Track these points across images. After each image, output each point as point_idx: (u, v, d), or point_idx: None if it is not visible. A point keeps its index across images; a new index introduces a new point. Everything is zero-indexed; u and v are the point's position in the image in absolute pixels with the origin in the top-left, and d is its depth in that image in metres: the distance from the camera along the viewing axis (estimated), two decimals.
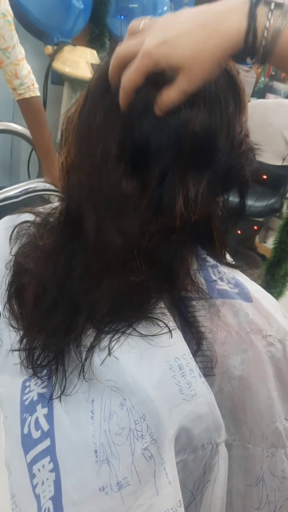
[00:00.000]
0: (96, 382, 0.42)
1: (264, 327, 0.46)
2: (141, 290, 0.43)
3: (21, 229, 0.55)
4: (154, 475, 0.37)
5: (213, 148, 0.41)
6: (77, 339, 0.44)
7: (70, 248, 0.46)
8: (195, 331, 0.44)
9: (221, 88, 0.41)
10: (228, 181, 0.45)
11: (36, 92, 1.15)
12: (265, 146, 0.48)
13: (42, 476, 0.41)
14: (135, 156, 0.40)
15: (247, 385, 0.44)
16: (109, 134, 0.41)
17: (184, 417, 0.38)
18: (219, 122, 0.41)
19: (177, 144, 0.40)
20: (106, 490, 0.37)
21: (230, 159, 0.42)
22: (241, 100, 0.44)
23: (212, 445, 0.40)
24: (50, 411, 0.44)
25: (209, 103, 0.40)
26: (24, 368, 0.47)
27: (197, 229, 0.45)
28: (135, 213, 0.42)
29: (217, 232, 0.47)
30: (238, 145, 0.43)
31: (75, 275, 0.45)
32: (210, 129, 0.40)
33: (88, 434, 0.40)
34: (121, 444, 0.38)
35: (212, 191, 0.42)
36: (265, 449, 0.45)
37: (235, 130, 0.42)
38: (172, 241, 0.44)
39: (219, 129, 0.41)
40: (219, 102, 0.41)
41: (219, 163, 0.41)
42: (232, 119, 0.42)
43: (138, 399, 0.39)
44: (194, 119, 0.39)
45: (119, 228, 0.42)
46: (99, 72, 0.44)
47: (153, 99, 0.39)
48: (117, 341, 0.42)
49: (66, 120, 0.46)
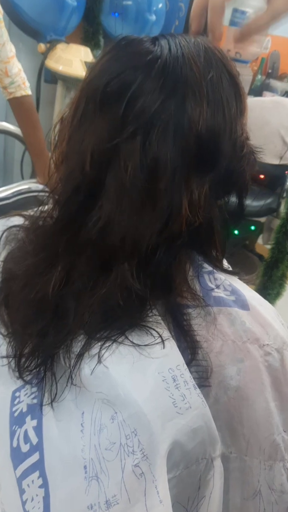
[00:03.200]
0: (87, 393, 0.41)
1: (261, 336, 0.45)
2: (137, 296, 0.42)
3: (10, 233, 0.54)
4: (145, 493, 0.35)
5: (216, 149, 0.40)
6: (67, 345, 0.42)
7: (63, 253, 0.44)
8: (190, 339, 0.43)
9: (224, 88, 0.41)
10: (230, 184, 0.44)
11: (27, 91, 1.13)
12: (262, 145, 0.47)
13: (31, 492, 0.40)
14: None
15: (244, 396, 0.43)
16: (106, 136, 0.40)
17: (178, 431, 0.37)
18: (222, 123, 0.40)
19: (182, 144, 0.39)
20: (94, 509, 0.36)
21: (232, 162, 0.42)
22: (243, 102, 0.44)
23: (207, 460, 0.39)
24: (39, 423, 0.43)
25: (212, 104, 0.39)
26: (13, 375, 0.46)
27: (198, 233, 0.44)
28: (138, 217, 0.40)
29: (218, 236, 0.46)
30: (240, 147, 0.42)
31: (67, 280, 0.43)
32: (214, 130, 0.39)
33: (77, 449, 0.38)
34: (111, 460, 0.36)
35: (214, 194, 0.42)
36: (263, 461, 0.43)
37: (237, 132, 0.42)
38: (173, 246, 0.42)
39: (222, 130, 0.40)
40: (222, 102, 0.40)
41: (222, 165, 0.41)
42: (235, 120, 0.41)
43: (129, 412, 0.37)
44: (197, 119, 0.38)
45: (121, 232, 0.41)
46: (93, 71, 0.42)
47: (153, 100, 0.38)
48: (108, 349, 0.40)
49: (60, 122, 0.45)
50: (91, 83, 0.42)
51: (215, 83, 0.40)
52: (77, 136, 0.42)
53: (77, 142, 0.42)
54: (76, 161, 0.41)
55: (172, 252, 0.43)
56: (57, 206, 0.45)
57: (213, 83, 0.40)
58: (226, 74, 0.41)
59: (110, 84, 0.40)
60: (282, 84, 2.65)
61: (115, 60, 0.41)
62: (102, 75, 0.41)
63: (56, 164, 0.45)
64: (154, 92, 0.38)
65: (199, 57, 0.41)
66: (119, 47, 0.42)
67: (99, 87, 0.40)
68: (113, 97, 0.39)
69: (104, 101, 0.40)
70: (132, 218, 0.40)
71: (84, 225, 0.42)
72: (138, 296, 0.42)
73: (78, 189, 0.42)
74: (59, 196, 0.45)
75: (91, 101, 0.41)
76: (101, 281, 0.42)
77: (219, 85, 0.40)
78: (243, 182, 0.45)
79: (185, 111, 0.38)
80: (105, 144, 0.39)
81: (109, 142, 0.39)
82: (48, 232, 0.46)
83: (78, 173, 0.41)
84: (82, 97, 0.42)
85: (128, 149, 0.39)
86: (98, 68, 0.42)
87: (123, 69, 0.40)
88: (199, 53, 0.41)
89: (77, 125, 0.43)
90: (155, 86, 0.39)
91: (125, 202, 0.40)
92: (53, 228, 0.45)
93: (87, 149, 0.40)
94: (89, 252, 0.42)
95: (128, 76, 0.39)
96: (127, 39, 0.42)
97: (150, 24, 1.81)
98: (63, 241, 0.43)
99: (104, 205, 0.41)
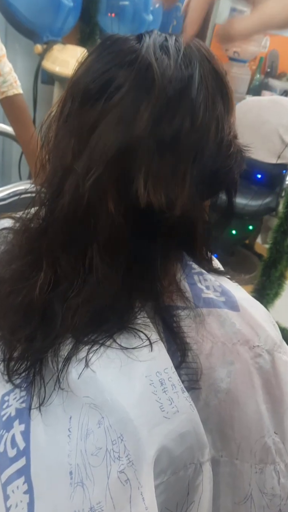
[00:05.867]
0: (74, 397, 0.40)
1: (252, 337, 0.44)
2: (123, 298, 0.41)
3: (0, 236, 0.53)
4: (130, 500, 0.35)
5: (197, 147, 0.39)
6: (55, 348, 0.42)
7: (46, 254, 0.44)
8: (180, 341, 0.42)
9: (208, 87, 0.40)
10: (216, 184, 0.43)
11: (19, 90, 1.13)
12: (260, 144, 0.47)
13: (16, 498, 0.39)
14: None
15: (235, 399, 0.42)
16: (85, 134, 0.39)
17: (165, 437, 0.36)
18: (205, 121, 0.39)
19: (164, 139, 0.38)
20: None
21: (218, 160, 0.41)
22: (230, 100, 0.43)
23: (195, 465, 0.38)
24: (27, 427, 0.42)
25: (194, 101, 0.39)
26: (2, 378, 0.45)
27: (185, 233, 0.43)
28: (119, 212, 0.40)
29: (201, 237, 0.46)
30: (226, 146, 0.42)
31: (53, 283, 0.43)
32: (193, 128, 0.39)
33: (64, 454, 0.38)
34: (97, 465, 0.36)
35: (198, 193, 0.41)
36: (254, 465, 0.43)
37: (223, 130, 0.41)
38: (157, 246, 0.42)
39: (205, 128, 0.39)
40: (206, 101, 0.40)
41: (206, 164, 0.40)
42: (221, 119, 0.41)
43: (116, 417, 0.37)
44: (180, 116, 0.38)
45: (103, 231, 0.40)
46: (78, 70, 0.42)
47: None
48: (96, 352, 0.40)
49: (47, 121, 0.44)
50: (76, 82, 0.42)
51: (197, 81, 0.39)
52: (62, 135, 0.42)
53: (62, 140, 0.41)
54: (59, 160, 0.41)
55: (156, 252, 0.42)
56: (43, 207, 0.45)
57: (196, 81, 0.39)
58: (212, 73, 0.41)
59: (93, 83, 0.39)
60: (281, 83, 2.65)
61: (99, 59, 0.41)
62: (86, 74, 0.41)
63: (43, 164, 0.45)
64: (129, 89, 0.38)
65: (180, 55, 0.40)
66: (104, 46, 0.42)
67: (83, 85, 0.40)
68: (95, 95, 0.39)
69: (86, 99, 0.40)
70: (107, 215, 0.39)
71: None
72: (125, 298, 0.41)
73: (61, 188, 0.41)
74: (45, 195, 0.44)
75: (76, 100, 0.41)
76: (86, 282, 0.42)
77: (202, 83, 0.40)
78: (231, 181, 0.44)
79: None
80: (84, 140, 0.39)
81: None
82: (34, 234, 0.46)
83: (61, 171, 0.41)
84: (68, 96, 0.42)
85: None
86: (83, 67, 0.42)
87: (107, 68, 0.39)
88: (180, 51, 0.40)
89: (63, 124, 0.42)
90: (130, 83, 0.38)
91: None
92: (39, 230, 0.45)
93: (69, 147, 0.40)
94: (72, 252, 0.42)
95: (111, 74, 0.39)
96: (112, 38, 0.42)
97: (147, 24, 1.81)
98: (47, 241, 0.43)
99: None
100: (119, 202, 0.40)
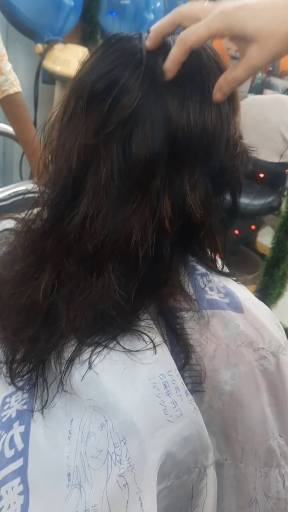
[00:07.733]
0: (77, 400, 0.40)
1: (256, 339, 0.43)
2: (128, 299, 0.41)
3: (1, 237, 0.53)
4: (127, 505, 0.34)
5: (206, 147, 0.39)
6: (58, 350, 0.41)
7: (51, 255, 0.43)
8: (184, 343, 0.42)
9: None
10: (223, 183, 0.43)
11: (19, 88, 1.14)
12: (262, 143, 0.46)
13: (9, 499, 0.39)
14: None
15: (239, 401, 0.42)
16: (91, 134, 0.39)
17: (168, 441, 0.36)
18: (212, 121, 0.39)
19: (162, 142, 0.38)
20: None
21: (225, 160, 0.41)
22: (235, 100, 0.43)
23: (199, 469, 0.38)
24: (27, 429, 0.42)
25: (201, 101, 0.39)
26: (5, 380, 0.45)
27: (191, 233, 0.43)
28: (131, 216, 0.39)
29: (213, 236, 0.45)
30: (233, 146, 0.42)
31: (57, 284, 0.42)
32: (202, 128, 0.39)
33: (62, 456, 0.37)
34: (97, 468, 0.35)
35: (206, 193, 0.41)
36: (258, 468, 0.42)
37: (230, 130, 0.41)
38: (167, 246, 0.42)
39: (213, 129, 0.39)
40: (212, 101, 0.39)
41: (214, 164, 0.40)
42: (227, 119, 0.41)
43: (119, 420, 0.36)
44: (181, 117, 0.38)
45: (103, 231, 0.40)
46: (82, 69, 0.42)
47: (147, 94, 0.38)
48: (99, 354, 0.39)
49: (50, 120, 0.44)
50: (80, 81, 0.41)
51: (205, 81, 0.39)
52: (66, 135, 0.41)
53: (66, 140, 0.41)
54: (64, 160, 0.41)
55: (165, 253, 0.42)
56: (46, 207, 0.44)
57: (203, 81, 0.39)
58: (217, 72, 0.40)
59: (98, 82, 0.39)
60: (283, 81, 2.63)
61: (104, 58, 0.40)
62: (91, 73, 0.40)
63: (46, 164, 0.44)
64: (136, 89, 0.38)
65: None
66: (109, 44, 0.41)
67: (88, 85, 0.40)
68: (100, 95, 0.39)
69: (91, 99, 0.39)
70: (109, 216, 0.39)
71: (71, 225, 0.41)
72: (130, 299, 0.41)
73: (66, 189, 0.41)
74: (48, 196, 0.44)
75: (80, 99, 0.40)
76: (91, 284, 0.41)
77: (209, 83, 0.39)
78: (237, 181, 0.44)
79: (166, 109, 0.38)
80: (91, 142, 0.39)
81: (94, 140, 0.39)
82: (37, 235, 0.45)
83: (66, 172, 0.41)
84: (71, 95, 0.42)
85: (107, 147, 0.38)
86: (87, 66, 0.42)
87: (112, 67, 0.39)
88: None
89: (66, 124, 0.42)
90: (138, 83, 0.38)
91: (102, 199, 0.39)
92: (42, 230, 0.44)
93: (74, 148, 0.40)
94: (77, 253, 0.41)
95: (116, 74, 0.39)
96: (117, 36, 0.42)
97: (148, 23, 1.80)
98: (51, 242, 0.42)
99: (83, 201, 0.40)
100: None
